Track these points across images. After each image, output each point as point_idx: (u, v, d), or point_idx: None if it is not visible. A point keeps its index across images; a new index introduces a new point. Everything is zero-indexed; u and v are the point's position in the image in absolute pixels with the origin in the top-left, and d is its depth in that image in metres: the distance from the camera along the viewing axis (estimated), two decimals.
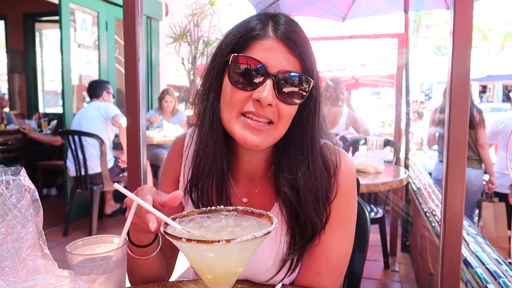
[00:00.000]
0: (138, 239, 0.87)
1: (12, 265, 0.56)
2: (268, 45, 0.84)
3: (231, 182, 0.99)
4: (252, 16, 0.90)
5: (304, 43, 0.86)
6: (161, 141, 4.70)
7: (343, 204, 0.95)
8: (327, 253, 0.93)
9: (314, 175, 0.91)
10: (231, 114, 0.87)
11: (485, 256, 1.67)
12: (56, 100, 12.35)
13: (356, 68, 9.26)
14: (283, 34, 0.84)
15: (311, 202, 0.90)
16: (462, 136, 1.26)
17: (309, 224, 0.91)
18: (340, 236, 0.95)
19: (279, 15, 0.89)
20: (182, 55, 7.76)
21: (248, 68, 0.83)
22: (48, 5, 5.85)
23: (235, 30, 0.89)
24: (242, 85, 0.84)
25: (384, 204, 3.83)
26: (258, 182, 0.99)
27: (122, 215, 4.86)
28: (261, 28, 0.85)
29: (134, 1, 1.47)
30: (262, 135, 0.86)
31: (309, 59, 0.86)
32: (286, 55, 0.84)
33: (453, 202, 1.26)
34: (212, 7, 7.62)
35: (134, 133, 1.54)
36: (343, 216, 0.95)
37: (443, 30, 21.08)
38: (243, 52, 0.85)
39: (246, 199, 0.99)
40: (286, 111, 0.86)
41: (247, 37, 0.85)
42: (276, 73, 0.83)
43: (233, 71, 0.85)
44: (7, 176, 0.59)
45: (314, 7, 4.41)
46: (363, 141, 3.66)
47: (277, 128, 0.87)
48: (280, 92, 0.84)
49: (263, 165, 0.98)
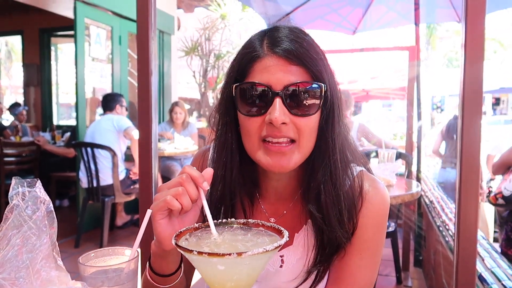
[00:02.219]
0: (160, 267, 0.84)
1: (26, 276, 0.56)
2: (266, 64, 0.81)
3: (259, 201, 0.98)
4: (251, 37, 0.88)
5: (304, 48, 0.81)
6: (172, 153, 4.74)
7: (374, 232, 0.92)
8: (353, 280, 0.91)
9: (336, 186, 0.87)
10: (252, 143, 0.85)
11: (500, 272, 1.63)
12: (70, 112, 12.55)
13: (367, 81, 9.25)
14: (278, 47, 0.81)
15: (335, 216, 0.87)
16: (475, 149, 1.25)
17: (334, 238, 0.88)
18: (369, 265, 0.92)
19: (276, 28, 0.86)
20: (194, 68, 7.87)
21: (253, 94, 0.81)
22: (64, 20, 6.01)
23: (236, 57, 0.88)
24: (252, 112, 0.82)
25: (396, 218, 3.77)
26: (288, 202, 0.97)
27: (133, 227, 4.88)
28: (258, 48, 0.83)
29: (148, 16, 1.51)
30: (286, 156, 0.83)
31: (314, 62, 0.81)
32: (287, 68, 0.80)
33: (467, 216, 1.23)
34: (223, 21, 7.73)
35: (146, 145, 1.56)
36: (375, 246, 0.93)
37: (454, 42, 20.98)
38: (246, 79, 0.83)
39: (274, 219, 0.97)
40: (304, 124, 0.82)
41: (246, 62, 0.84)
42: (282, 90, 0.79)
43: (240, 102, 0.83)
44: (23, 188, 0.60)
45: (325, 21, 4.44)
46: (374, 154, 3.63)
47: (301, 145, 0.83)
48: (292, 107, 0.80)
49: (294, 184, 0.95)
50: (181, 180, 0.73)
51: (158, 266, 0.84)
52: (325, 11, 4.26)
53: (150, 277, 0.86)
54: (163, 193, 0.74)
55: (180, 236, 0.66)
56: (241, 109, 0.84)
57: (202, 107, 8.42)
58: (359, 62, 9.07)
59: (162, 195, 0.74)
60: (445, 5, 3.96)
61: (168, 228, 0.76)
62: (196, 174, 0.73)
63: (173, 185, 0.74)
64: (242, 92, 0.83)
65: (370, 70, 9.25)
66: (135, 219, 4.92)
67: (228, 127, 0.89)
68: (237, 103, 0.84)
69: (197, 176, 0.72)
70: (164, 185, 0.76)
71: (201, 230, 0.70)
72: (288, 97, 0.80)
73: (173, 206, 0.72)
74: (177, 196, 0.72)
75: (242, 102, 0.83)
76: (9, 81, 18.97)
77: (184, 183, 0.73)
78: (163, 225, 0.75)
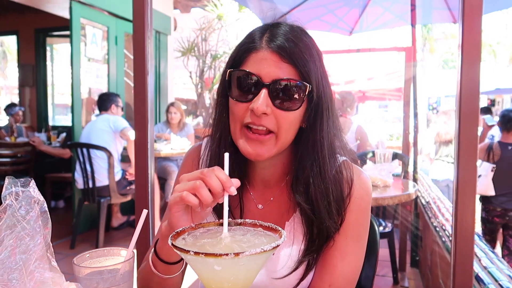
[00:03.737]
0: (167, 253, 0.84)
1: (19, 277, 0.55)
2: (261, 56, 0.87)
3: (248, 187, 1.02)
4: (256, 28, 0.94)
5: (299, 49, 0.86)
6: (168, 154, 4.72)
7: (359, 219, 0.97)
8: (341, 267, 0.94)
9: (325, 180, 0.92)
10: (236, 127, 0.90)
11: (497, 272, 1.63)
12: (66, 113, 12.50)
13: (364, 82, 9.27)
14: (275, 43, 0.86)
15: (324, 208, 0.91)
16: (472, 150, 1.25)
17: (324, 228, 0.92)
18: (354, 251, 0.96)
19: (278, 24, 0.91)
20: (190, 69, 7.86)
21: (243, 81, 0.87)
22: (59, 20, 5.98)
23: (237, 46, 0.93)
24: (240, 97, 0.88)
25: (393, 218, 3.78)
26: (275, 189, 1.01)
27: (128, 228, 4.86)
28: (257, 40, 0.89)
29: (144, 16, 1.50)
30: (263, 145, 0.88)
31: (304, 63, 0.86)
32: (279, 64, 0.85)
33: (464, 217, 1.24)
34: (220, 21, 7.74)
35: (142, 146, 1.55)
36: (358, 231, 0.97)
37: (450, 43, 21.08)
38: (240, 67, 0.89)
39: (261, 205, 1.01)
40: (284, 118, 0.87)
41: (243, 52, 0.90)
42: (269, 83, 0.85)
43: (232, 86, 0.89)
44: (17, 188, 0.59)
45: (321, 21, 4.45)
46: (371, 154, 3.64)
47: (279, 137, 0.88)
48: (276, 99, 0.85)
49: (279, 172, 1.00)
50: (202, 175, 0.73)
51: (166, 251, 0.84)
52: (321, 12, 4.27)
53: (153, 264, 0.86)
54: (182, 185, 0.74)
55: (177, 236, 0.66)
56: (231, 93, 0.89)
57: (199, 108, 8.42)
58: (355, 62, 9.09)
59: (181, 187, 0.74)
60: (441, 6, 3.98)
61: (182, 219, 0.77)
62: (225, 178, 0.73)
63: (193, 178, 0.74)
64: (235, 78, 0.88)
65: (367, 71, 9.28)
66: (131, 220, 4.90)
67: (223, 107, 0.95)
68: (229, 87, 0.90)
69: (226, 180, 0.72)
70: (185, 176, 0.76)
71: (198, 230, 0.69)
72: (274, 90, 0.85)
73: (189, 201, 0.72)
74: (194, 190, 0.72)
75: (234, 87, 0.89)
76: (4, 81, 18.88)
77: (206, 177, 0.72)
78: (178, 217, 0.77)
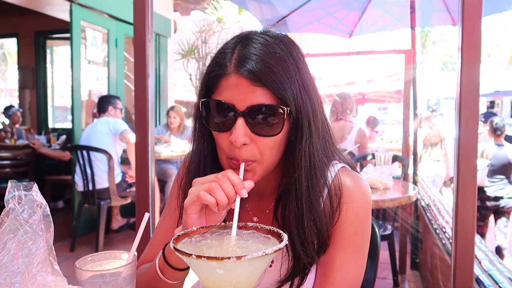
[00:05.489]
0: (176, 261, 0.83)
1: (22, 281, 0.56)
2: (231, 83, 0.80)
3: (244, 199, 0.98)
4: (226, 43, 0.86)
5: (270, 69, 0.79)
6: (168, 156, 4.72)
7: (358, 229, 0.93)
8: (340, 279, 0.91)
9: (302, 202, 0.86)
10: (222, 156, 0.86)
11: (498, 275, 1.63)
12: (65, 115, 12.50)
13: (363, 84, 9.28)
14: (243, 67, 0.79)
15: (297, 236, 0.86)
16: (472, 151, 1.25)
17: (303, 253, 0.87)
18: (354, 261, 0.93)
19: (249, 38, 0.83)
20: (190, 71, 7.86)
21: (218, 110, 0.81)
22: (59, 22, 5.99)
23: (207, 70, 0.87)
24: (219, 128, 0.83)
25: (393, 221, 3.78)
26: (270, 201, 0.98)
27: (128, 230, 4.85)
28: (226, 63, 0.81)
29: (145, 19, 1.50)
30: (250, 172, 0.84)
31: (278, 84, 0.79)
32: (251, 89, 0.78)
33: (464, 219, 1.24)
34: (219, 24, 7.74)
35: (143, 148, 1.55)
36: (357, 242, 0.93)
37: (449, 45, 21.11)
38: (213, 95, 0.83)
39: (257, 218, 0.98)
40: (265, 144, 0.82)
41: (213, 78, 0.83)
42: (244, 110, 0.78)
43: (208, 116, 0.84)
44: (20, 192, 0.59)
45: (321, 24, 4.45)
46: (370, 157, 3.64)
47: (263, 162, 0.84)
48: (254, 127, 0.80)
49: (273, 184, 0.96)
50: (216, 178, 0.74)
51: (176, 256, 0.82)
52: (321, 14, 4.27)
53: (161, 270, 0.85)
54: (197, 188, 0.74)
55: (179, 239, 0.66)
56: (209, 124, 0.84)
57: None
58: (355, 65, 9.12)
59: (196, 190, 0.74)
60: (440, 8, 3.99)
61: (198, 222, 0.77)
62: (237, 180, 0.73)
63: (207, 181, 0.74)
64: (208, 108, 0.83)
65: (366, 73, 9.30)
66: (131, 223, 4.90)
67: (202, 133, 0.91)
68: (206, 117, 0.84)
69: (238, 182, 0.72)
70: (198, 179, 0.77)
71: (200, 234, 0.70)
72: (250, 117, 0.79)
73: (206, 200, 0.73)
74: (210, 190, 0.73)
75: (210, 117, 0.83)
76: (4, 84, 18.88)
77: (220, 180, 0.73)
78: (194, 218, 0.76)
